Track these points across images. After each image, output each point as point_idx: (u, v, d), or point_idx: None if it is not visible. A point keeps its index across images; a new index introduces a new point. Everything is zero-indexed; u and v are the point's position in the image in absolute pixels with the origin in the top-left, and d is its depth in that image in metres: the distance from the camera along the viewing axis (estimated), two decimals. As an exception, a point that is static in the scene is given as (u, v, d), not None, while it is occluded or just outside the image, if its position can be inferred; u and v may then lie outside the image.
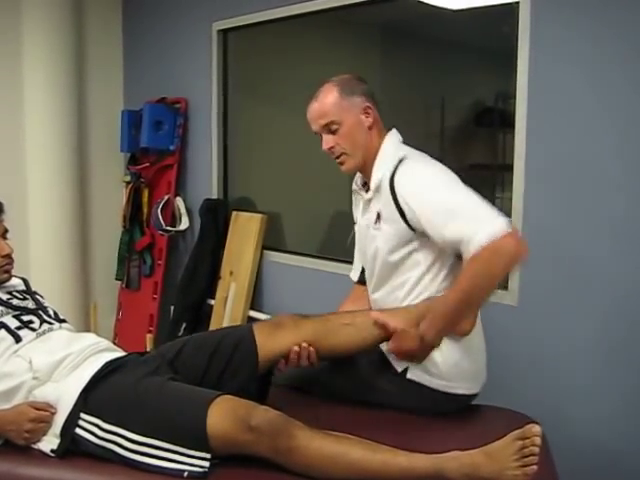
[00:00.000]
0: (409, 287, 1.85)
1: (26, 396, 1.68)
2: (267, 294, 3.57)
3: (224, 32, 3.72)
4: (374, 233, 1.88)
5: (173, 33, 4.00)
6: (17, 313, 1.85)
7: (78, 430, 1.61)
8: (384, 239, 1.85)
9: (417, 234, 1.79)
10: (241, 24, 3.57)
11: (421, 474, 1.46)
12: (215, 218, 3.76)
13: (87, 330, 3.55)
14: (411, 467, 1.46)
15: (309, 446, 1.48)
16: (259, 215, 3.56)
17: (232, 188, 3.85)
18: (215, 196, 3.83)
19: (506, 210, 2.59)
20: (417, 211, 1.75)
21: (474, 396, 1.90)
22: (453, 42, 2.95)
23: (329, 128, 1.87)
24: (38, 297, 2.01)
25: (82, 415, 1.61)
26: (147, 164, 4.03)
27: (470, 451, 1.46)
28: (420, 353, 1.76)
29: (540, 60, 2.36)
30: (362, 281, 2.11)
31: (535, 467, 1.40)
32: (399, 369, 1.84)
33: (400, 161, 1.82)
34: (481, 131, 3.08)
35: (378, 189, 1.85)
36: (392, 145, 1.90)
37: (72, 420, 1.61)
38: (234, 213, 3.72)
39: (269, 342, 1.78)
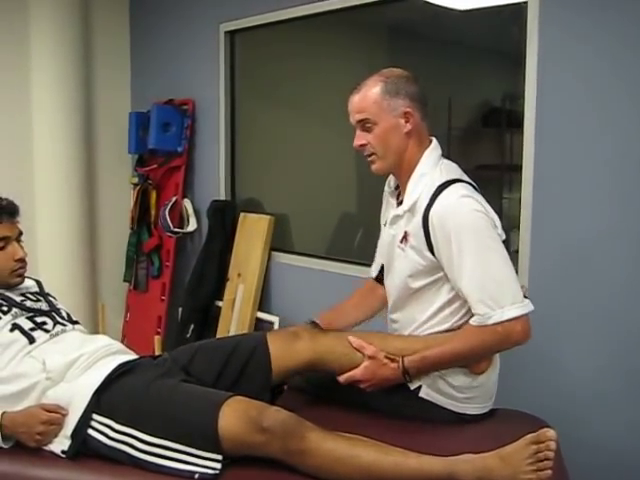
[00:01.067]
0: (429, 314, 1.80)
1: (39, 397, 1.69)
2: (275, 296, 3.57)
3: (231, 33, 3.73)
4: (399, 252, 1.82)
5: (180, 34, 4.01)
6: (31, 315, 1.86)
7: (90, 431, 1.61)
8: (408, 264, 1.79)
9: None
10: (248, 25, 3.57)
11: (433, 476, 1.45)
12: (223, 219, 3.76)
13: (95, 332, 3.56)
14: (423, 469, 1.46)
15: (321, 448, 1.48)
16: (267, 216, 3.56)
17: (240, 189, 3.86)
18: (223, 197, 3.84)
19: (514, 211, 2.59)
20: (444, 258, 1.70)
21: (485, 414, 1.87)
22: (461, 42, 2.94)
23: (364, 125, 1.80)
24: (51, 299, 2.01)
25: (94, 416, 1.61)
26: (155, 166, 4.03)
27: (483, 454, 1.46)
28: (394, 382, 1.76)
29: (549, 60, 2.36)
30: (379, 278, 2.08)
31: (550, 472, 1.39)
32: (412, 387, 1.80)
33: (439, 190, 1.72)
34: (488, 132, 3.08)
35: (412, 211, 1.77)
36: (431, 162, 1.80)
37: (84, 421, 1.61)
38: (242, 214, 3.72)
39: (284, 353, 1.77)
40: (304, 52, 3.54)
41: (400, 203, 1.85)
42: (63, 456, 1.61)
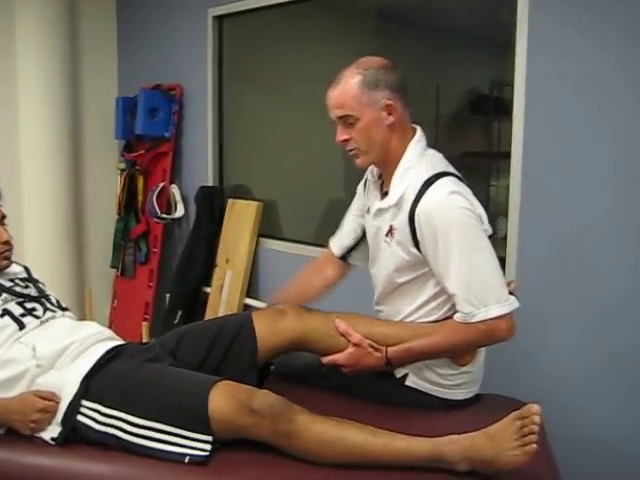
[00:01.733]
0: (414, 307, 1.80)
1: (29, 384, 1.67)
2: (263, 282, 3.57)
3: (220, 18, 3.71)
4: (384, 246, 1.81)
5: (168, 19, 3.98)
6: (20, 300, 1.85)
7: (78, 417, 1.60)
8: (393, 259, 1.78)
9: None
10: (237, 10, 3.55)
11: (421, 457, 1.47)
12: (211, 205, 3.75)
13: (82, 318, 3.55)
14: (411, 450, 1.47)
15: (309, 430, 1.49)
16: (255, 202, 3.56)
17: (228, 175, 3.85)
18: (211, 183, 3.83)
19: (502, 198, 2.60)
20: (430, 255, 1.69)
21: (471, 398, 1.88)
22: (449, 29, 2.94)
23: (345, 120, 1.75)
24: (40, 285, 2.00)
25: (83, 402, 1.61)
26: (142, 151, 4.01)
27: (470, 433, 1.48)
28: (376, 369, 1.77)
29: (538, 47, 2.36)
30: (343, 258, 2.07)
31: (535, 446, 1.41)
32: (397, 375, 1.81)
33: (426, 185, 1.69)
34: (476, 119, 3.08)
35: (398, 206, 1.75)
36: (416, 154, 1.77)
37: (73, 408, 1.60)
38: (230, 200, 3.71)
39: (269, 331, 1.77)
40: (292, 37, 3.53)
41: (385, 194, 1.82)
42: (53, 443, 1.60)
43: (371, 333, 1.77)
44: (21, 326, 1.76)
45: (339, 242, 2.10)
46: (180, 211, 3.95)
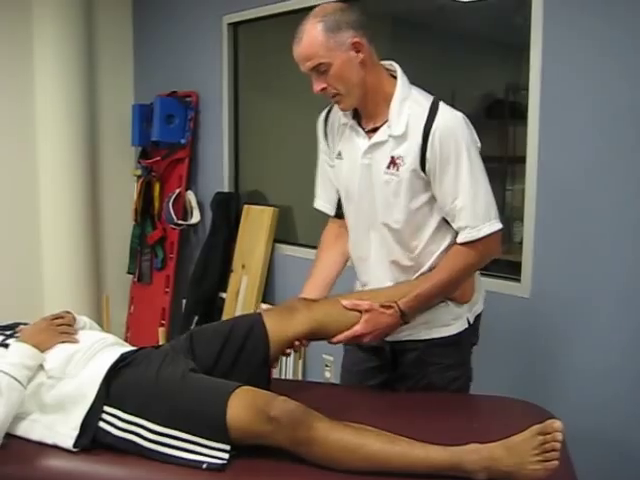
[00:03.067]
0: (427, 237, 1.83)
1: (44, 397, 1.65)
2: (279, 287, 3.58)
3: (235, 25, 3.73)
4: (386, 179, 1.79)
5: (183, 26, 4.01)
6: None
7: (99, 422, 1.61)
8: (405, 187, 1.78)
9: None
10: (252, 17, 3.57)
11: (440, 466, 1.46)
12: (227, 211, 3.77)
13: (100, 324, 3.57)
14: (430, 459, 1.46)
15: (328, 437, 1.48)
16: (270, 208, 3.57)
17: (243, 181, 3.86)
18: (226, 189, 3.84)
19: (518, 202, 2.59)
20: (438, 171, 1.72)
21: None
22: (464, 34, 2.94)
23: (318, 70, 1.75)
24: None
25: (104, 407, 1.61)
26: (158, 158, 4.04)
27: (489, 444, 1.46)
28: (394, 328, 1.82)
29: (553, 51, 2.36)
30: (339, 215, 2.05)
31: (556, 462, 1.40)
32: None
33: (434, 107, 1.74)
34: (492, 123, 3.07)
35: (404, 135, 1.76)
36: (406, 86, 1.80)
37: (94, 412, 1.60)
38: (245, 206, 3.73)
39: (281, 327, 1.79)
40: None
41: (373, 131, 1.82)
42: (72, 448, 1.60)
43: (377, 298, 1.82)
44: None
45: (327, 198, 2.09)
46: (196, 217, 3.97)
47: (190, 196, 4.00)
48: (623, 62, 2.19)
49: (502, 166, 2.98)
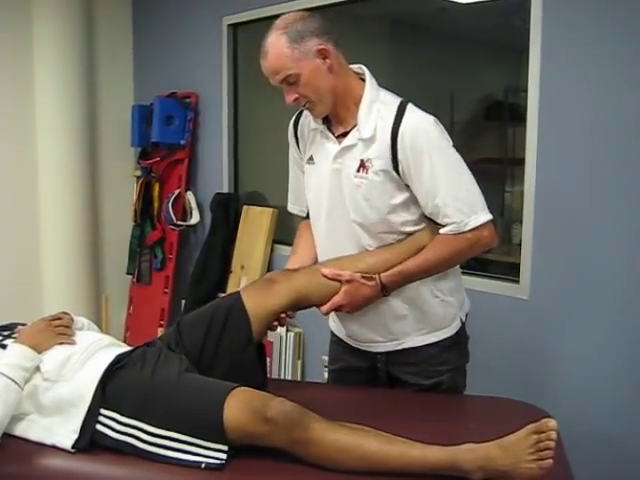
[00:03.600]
0: (408, 231, 1.82)
1: (40, 398, 1.65)
2: (278, 288, 3.58)
3: (234, 26, 3.73)
4: (357, 182, 1.79)
5: (183, 27, 4.01)
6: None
7: (97, 425, 1.61)
8: (377, 190, 1.77)
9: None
10: (251, 18, 3.58)
11: (436, 466, 1.46)
12: (226, 212, 3.78)
13: (99, 324, 3.58)
14: (426, 459, 1.47)
15: (325, 438, 1.49)
16: (270, 209, 3.58)
17: (243, 182, 3.87)
18: (226, 190, 3.85)
19: (517, 204, 2.60)
20: (414, 172, 1.72)
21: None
22: (463, 36, 2.95)
23: (288, 81, 1.77)
24: None
25: (101, 410, 1.61)
26: (158, 158, 4.04)
27: (485, 443, 1.47)
28: (373, 300, 1.81)
29: (552, 53, 2.36)
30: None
31: (551, 461, 1.40)
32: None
33: (401, 109, 1.74)
34: (491, 125, 3.08)
35: (372, 138, 1.76)
36: (374, 89, 1.81)
37: (92, 414, 1.60)
38: (245, 207, 3.73)
39: (260, 301, 1.78)
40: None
41: (343, 135, 1.82)
42: (71, 450, 1.60)
43: (358, 266, 1.81)
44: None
45: (299, 201, 2.11)
46: (195, 218, 3.97)
47: (189, 197, 4.00)
48: (622, 64, 2.20)
49: (501, 168, 2.99)
